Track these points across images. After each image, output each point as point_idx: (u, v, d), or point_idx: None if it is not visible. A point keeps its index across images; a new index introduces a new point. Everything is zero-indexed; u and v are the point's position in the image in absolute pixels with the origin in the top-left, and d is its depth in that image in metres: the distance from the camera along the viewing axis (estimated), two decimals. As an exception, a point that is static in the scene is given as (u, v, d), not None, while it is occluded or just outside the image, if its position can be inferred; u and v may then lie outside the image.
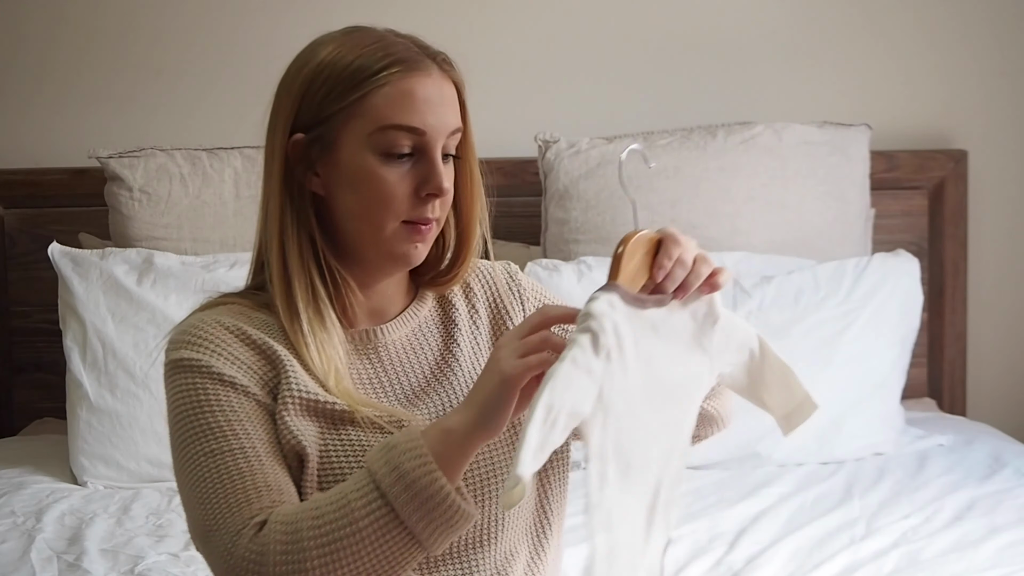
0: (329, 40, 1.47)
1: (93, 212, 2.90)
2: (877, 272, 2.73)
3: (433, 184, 1.41)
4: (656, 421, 1.29)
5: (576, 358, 1.18)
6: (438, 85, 1.42)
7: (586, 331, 1.20)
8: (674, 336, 1.32)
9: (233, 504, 1.31)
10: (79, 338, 2.60)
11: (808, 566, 2.08)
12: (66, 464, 2.59)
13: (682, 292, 1.32)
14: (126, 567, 2.12)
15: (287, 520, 1.28)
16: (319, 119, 1.43)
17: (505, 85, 3.07)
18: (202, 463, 1.34)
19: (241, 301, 1.48)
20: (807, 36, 3.13)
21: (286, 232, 1.43)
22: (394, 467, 1.26)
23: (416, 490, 1.25)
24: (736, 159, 2.85)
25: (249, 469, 1.33)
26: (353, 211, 1.43)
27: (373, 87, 1.40)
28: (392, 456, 1.27)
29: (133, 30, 3.04)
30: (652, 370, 1.28)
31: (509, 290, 1.60)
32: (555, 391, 1.16)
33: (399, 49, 1.42)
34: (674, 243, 1.33)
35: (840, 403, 2.63)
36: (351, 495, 1.27)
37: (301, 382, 1.40)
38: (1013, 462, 2.57)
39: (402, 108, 1.40)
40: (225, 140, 2.90)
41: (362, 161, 1.41)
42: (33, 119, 3.05)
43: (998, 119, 3.16)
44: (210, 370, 1.38)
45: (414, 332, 1.53)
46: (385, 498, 1.26)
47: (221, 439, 1.35)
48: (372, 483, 1.27)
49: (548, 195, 2.88)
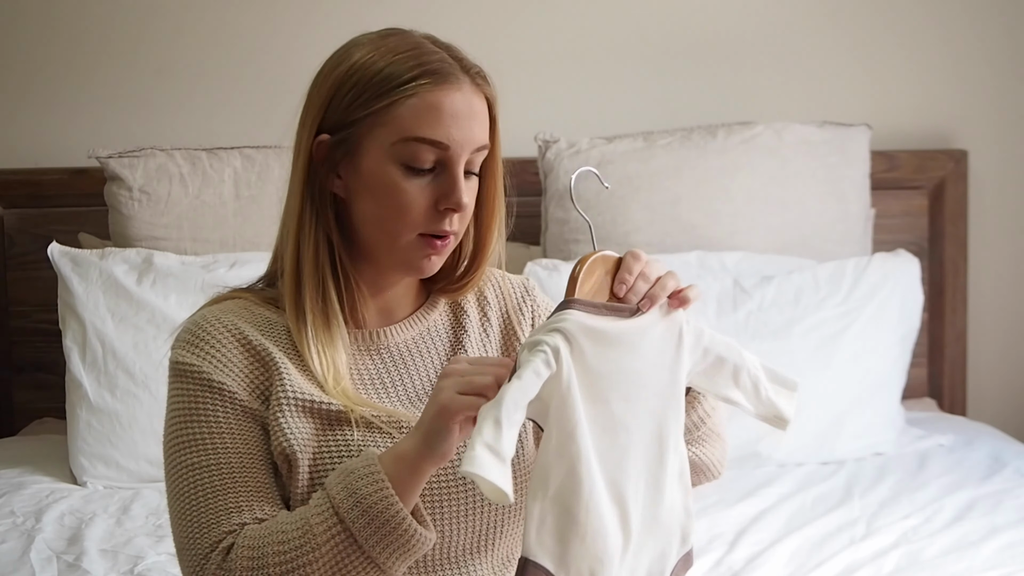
0: (365, 42, 1.45)
1: (93, 212, 2.89)
2: (877, 272, 2.73)
3: (452, 200, 1.40)
4: (633, 438, 1.30)
5: (524, 381, 1.21)
6: (468, 100, 1.41)
7: (536, 354, 1.23)
8: (645, 345, 1.32)
9: (203, 524, 1.35)
10: (79, 338, 2.59)
11: (808, 566, 2.08)
12: (66, 464, 2.59)
13: (648, 303, 1.32)
14: (126, 567, 2.12)
15: (252, 544, 1.31)
16: (345, 123, 1.42)
17: (505, 85, 3.05)
18: (183, 475, 1.38)
19: (249, 296, 1.49)
20: (807, 36, 3.13)
21: (303, 231, 1.44)
22: (351, 492, 1.29)
23: (373, 515, 1.28)
24: (736, 159, 2.85)
25: (223, 487, 1.36)
26: (370, 218, 1.43)
27: (400, 96, 1.39)
28: (350, 481, 1.30)
29: (133, 30, 3.04)
30: (618, 375, 1.28)
31: (522, 305, 1.60)
32: (503, 407, 1.19)
33: (432, 59, 1.41)
34: (635, 259, 1.34)
35: (840, 403, 2.63)
36: (312, 519, 1.30)
37: (296, 384, 1.41)
38: (1013, 462, 2.57)
39: (427, 121, 1.39)
40: (225, 140, 2.90)
41: (383, 170, 1.41)
42: (33, 119, 3.05)
43: (998, 119, 3.16)
44: (202, 376, 1.41)
45: (421, 335, 1.53)
46: (344, 523, 1.29)
47: (202, 453, 1.38)
48: (331, 508, 1.30)
49: (548, 195, 2.88)
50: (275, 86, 2.95)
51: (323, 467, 1.39)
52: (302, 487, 1.39)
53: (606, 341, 1.28)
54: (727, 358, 1.39)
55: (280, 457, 1.39)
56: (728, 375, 1.40)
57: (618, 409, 1.28)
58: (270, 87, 3.00)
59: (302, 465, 1.39)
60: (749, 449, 2.57)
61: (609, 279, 1.33)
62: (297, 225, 1.45)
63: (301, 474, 1.39)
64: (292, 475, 1.39)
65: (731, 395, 1.41)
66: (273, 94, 2.95)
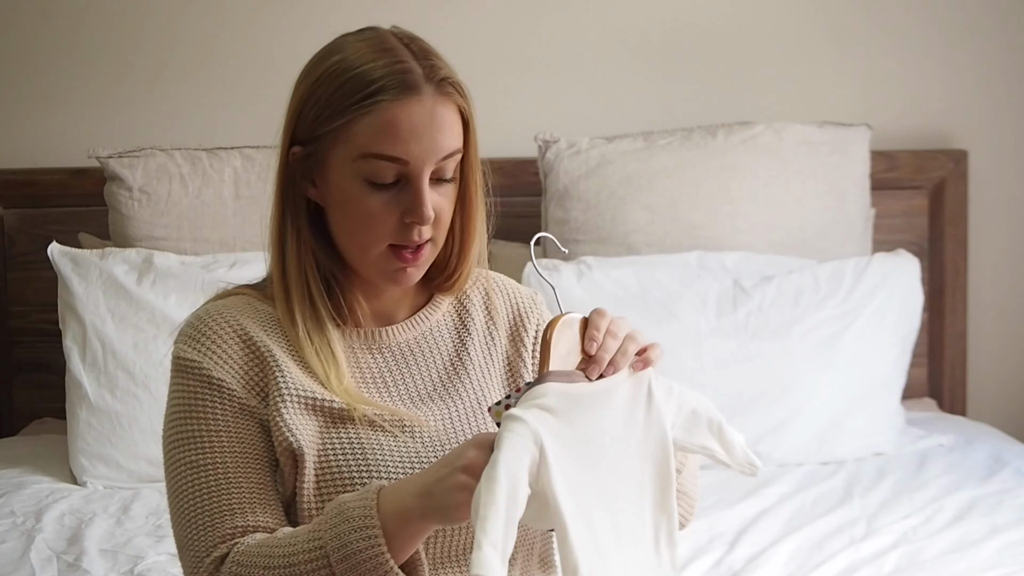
0: (337, 48, 1.44)
1: (93, 212, 2.89)
2: (877, 272, 2.73)
3: (416, 214, 1.39)
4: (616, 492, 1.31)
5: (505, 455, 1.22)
6: (428, 111, 1.38)
7: (511, 430, 1.24)
8: (617, 406, 1.33)
9: (201, 526, 1.36)
10: (79, 338, 2.59)
11: (808, 566, 2.08)
12: (66, 464, 2.59)
13: (612, 370, 1.33)
14: (126, 567, 2.12)
15: (242, 562, 1.32)
16: (312, 137, 1.43)
17: (505, 85, 3.06)
18: (181, 473, 1.40)
19: (253, 293, 1.50)
20: (807, 36, 3.13)
21: (284, 237, 1.46)
22: (343, 543, 1.29)
23: (362, 572, 1.28)
24: (736, 159, 2.85)
25: (219, 488, 1.37)
26: (342, 230, 1.44)
27: (357, 114, 1.38)
28: (343, 531, 1.29)
29: (133, 30, 3.04)
30: (597, 438, 1.30)
31: (529, 314, 1.60)
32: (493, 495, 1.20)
33: (395, 70, 1.38)
34: (601, 316, 1.35)
35: (840, 403, 2.63)
36: (301, 556, 1.30)
37: (297, 381, 1.42)
38: (1013, 462, 2.57)
39: (384, 138, 1.38)
40: (225, 140, 2.90)
41: (347, 185, 1.41)
42: (33, 119, 3.04)
43: (998, 119, 3.16)
44: (202, 372, 1.41)
45: (423, 335, 1.53)
46: (331, 569, 1.29)
47: (200, 451, 1.39)
48: (322, 553, 1.29)
49: (548, 195, 2.88)
50: (275, 86, 2.91)
51: (329, 465, 1.40)
52: (308, 484, 1.39)
53: (581, 408, 1.29)
54: (700, 410, 1.42)
55: (285, 454, 1.40)
56: (704, 426, 1.43)
57: (598, 471, 1.29)
58: (270, 87, 2.98)
59: (308, 462, 1.39)
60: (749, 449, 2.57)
61: (579, 338, 1.34)
62: (279, 232, 1.46)
63: (308, 471, 1.39)
64: (298, 472, 1.40)
65: (709, 445, 1.44)
66: (273, 94, 2.91)
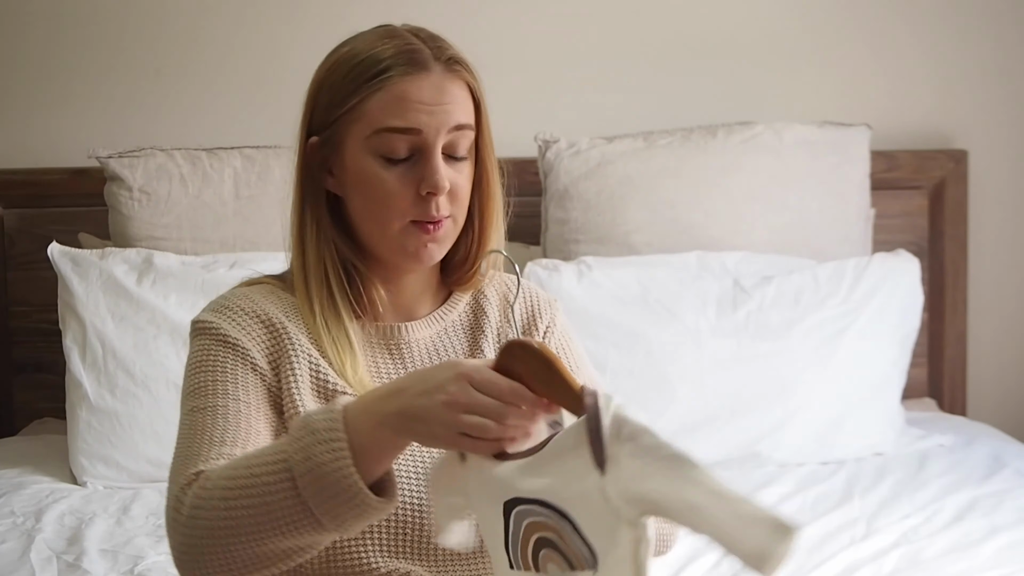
0: (348, 41, 1.49)
1: (93, 212, 2.89)
2: (877, 272, 2.73)
3: (431, 183, 1.42)
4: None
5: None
6: (437, 84, 1.43)
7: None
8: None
9: (190, 456, 1.35)
10: (79, 338, 2.59)
11: (808, 566, 2.08)
12: (66, 464, 2.59)
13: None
14: (126, 567, 2.12)
15: (211, 477, 1.29)
16: (327, 123, 1.46)
17: (505, 85, 3.05)
18: (185, 419, 1.40)
19: (275, 283, 1.53)
20: (807, 36, 3.13)
21: (304, 230, 1.49)
22: (307, 456, 1.23)
23: (325, 484, 1.22)
24: (736, 159, 2.85)
25: (213, 425, 1.37)
26: (362, 212, 1.47)
27: (369, 92, 1.42)
28: (308, 444, 1.24)
29: (133, 30, 3.04)
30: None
31: (542, 314, 1.61)
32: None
33: (404, 51, 1.43)
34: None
35: (840, 403, 2.63)
36: (263, 469, 1.25)
37: (312, 363, 1.44)
38: (1013, 462, 2.56)
39: (395, 111, 1.41)
40: (225, 140, 2.90)
41: (364, 163, 1.44)
42: (33, 119, 3.04)
43: (998, 119, 3.16)
44: (219, 332, 1.44)
45: (439, 334, 1.55)
46: (296, 487, 1.23)
47: (203, 397, 1.40)
48: (285, 467, 1.24)
49: (548, 195, 2.88)
50: (275, 86, 2.95)
51: None
52: None
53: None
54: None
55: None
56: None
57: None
58: (270, 87, 3.00)
59: None
60: (749, 449, 2.57)
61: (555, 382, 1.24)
62: (299, 225, 1.49)
63: None
64: None
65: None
66: (273, 94, 2.95)
